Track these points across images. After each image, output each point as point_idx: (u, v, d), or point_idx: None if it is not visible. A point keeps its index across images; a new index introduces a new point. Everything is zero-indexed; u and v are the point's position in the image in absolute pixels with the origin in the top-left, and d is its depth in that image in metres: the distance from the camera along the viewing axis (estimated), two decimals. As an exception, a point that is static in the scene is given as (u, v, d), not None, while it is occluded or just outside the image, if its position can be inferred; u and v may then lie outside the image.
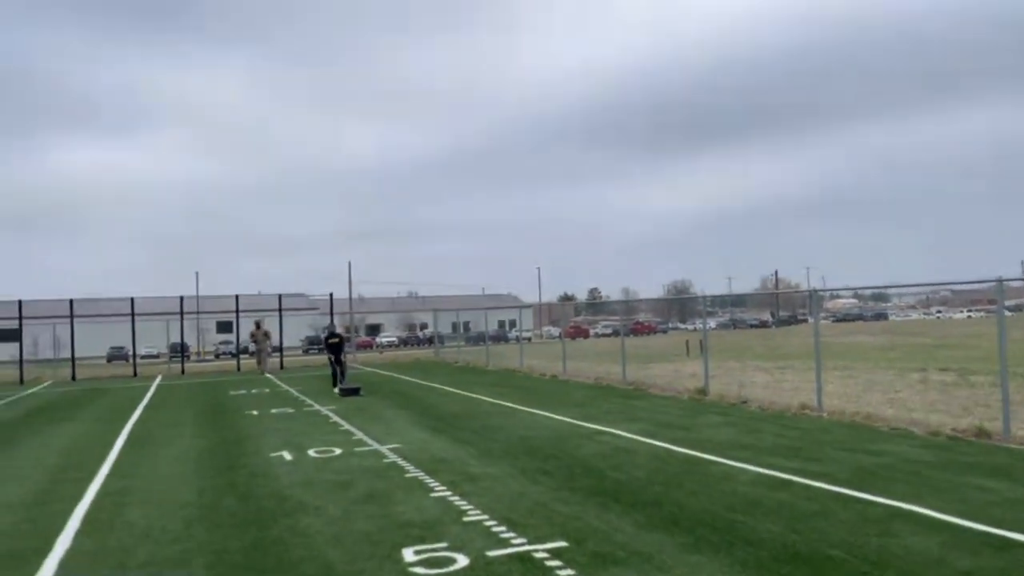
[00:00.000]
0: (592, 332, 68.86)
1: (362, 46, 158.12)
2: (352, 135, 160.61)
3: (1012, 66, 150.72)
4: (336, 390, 18.18)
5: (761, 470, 7.72)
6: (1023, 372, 14.51)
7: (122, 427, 13.28)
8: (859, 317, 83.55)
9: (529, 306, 63.47)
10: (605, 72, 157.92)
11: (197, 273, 67.04)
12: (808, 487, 6.93)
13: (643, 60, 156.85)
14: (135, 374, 29.08)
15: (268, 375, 25.90)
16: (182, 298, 31.25)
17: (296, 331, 54.37)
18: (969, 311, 76.79)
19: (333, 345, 19.45)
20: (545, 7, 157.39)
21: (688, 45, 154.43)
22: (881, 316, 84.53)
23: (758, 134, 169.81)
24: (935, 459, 7.93)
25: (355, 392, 17.43)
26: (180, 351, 32.82)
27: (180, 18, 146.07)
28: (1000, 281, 8.91)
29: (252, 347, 28.74)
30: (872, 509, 6.12)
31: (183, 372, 29.73)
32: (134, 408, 16.55)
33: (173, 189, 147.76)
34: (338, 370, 19.04)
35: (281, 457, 9.53)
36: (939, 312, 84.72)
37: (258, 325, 28.27)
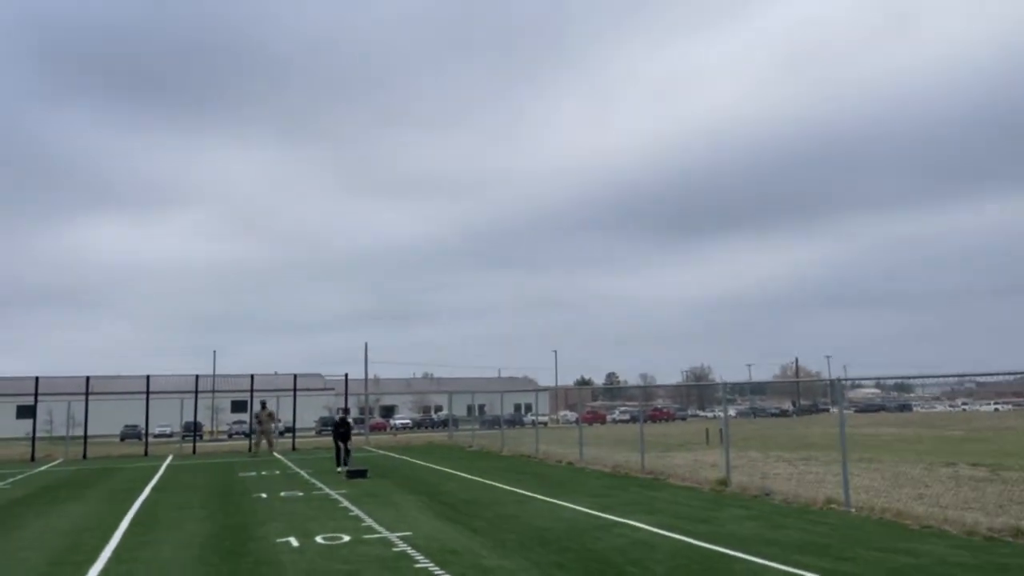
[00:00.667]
0: (609, 417, 67.81)
1: (380, 131, 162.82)
2: (371, 217, 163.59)
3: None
4: (339, 470, 18.67)
5: (788, 569, 7.34)
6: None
7: (128, 509, 13.00)
8: (882, 408, 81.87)
9: (545, 390, 62.89)
10: (623, 159, 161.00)
11: (215, 352, 67.48)
12: (839, 589, 6.56)
13: (660, 148, 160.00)
14: (146, 453, 28.79)
15: (278, 455, 25.53)
16: (197, 377, 31.21)
17: (310, 412, 54.11)
18: (996, 404, 75.08)
19: (342, 433, 20.00)
20: (561, 96, 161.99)
21: (705, 133, 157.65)
22: (905, 407, 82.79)
23: (778, 222, 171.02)
24: (973, 560, 7.52)
25: (362, 474, 17.34)
26: (193, 430, 32.58)
27: (202, 103, 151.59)
28: (1032, 373, 8.63)
29: (257, 427, 28.45)
30: (909, 615, 5.75)
31: (194, 452, 29.39)
32: (142, 489, 16.27)
33: (193, 268, 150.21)
34: (343, 453, 19.50)
35: (288, 543, 9.23)
36: (965, 404, 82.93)
37: (263, 405, 28.10)
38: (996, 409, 69.59)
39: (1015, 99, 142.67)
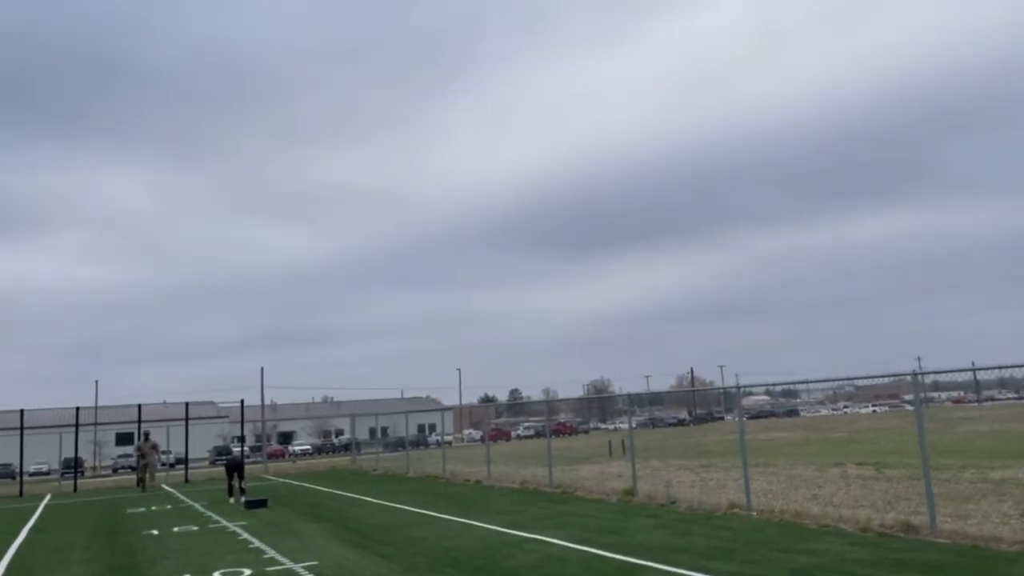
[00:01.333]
0: (514, 434, 67.99)
1: (272, 147, 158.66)
2: (262, 237, 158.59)
3: (899, 172, 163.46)
4: (232, 501, 18.24)
5: (698, 575, 7.45)
6: (934, 464, 14.87)
7: (1, 555, 11.95)
8: (772, 414, 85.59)
9: (450, 409, 62.45)
10: (519, 177, 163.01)
11: (97, 382, 63.39)
12: (748, 592, 6.70)
13: (555, 166, 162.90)
14: (21, 493, 26.70)
15: (169, 488, 24.20)
16: (78, 409, 29.23)
17: (204, 441, 51.67)
18: (874, 406, 79.89)
19: (236, 465, 19.53)
20: (458, 113, 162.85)
21: (599, 152, 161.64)
22: (793, 412, 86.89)
23: (669, 236, 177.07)
24: (869, 556, 7.85)
25: (262, 504, 16.82)
26: (74, 466, 30.49)
27: (79, 119, 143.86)
28: (915, 374, 9.16)
29: (139, 461, 26.86)
30: (815, 613, 5.92)
31: (75, 490, 27.48)
32: (17, 532, 15.02)
33: (70, 295, 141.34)
34: (236, 485, 18.99)
35: (183, 582, 8.68)
36: (846, 407, 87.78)
37: (146, 437, 26.67)
38: (874, 411, 73.98)
39: (883, 119, 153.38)
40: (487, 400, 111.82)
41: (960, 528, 8.80)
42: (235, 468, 19.36)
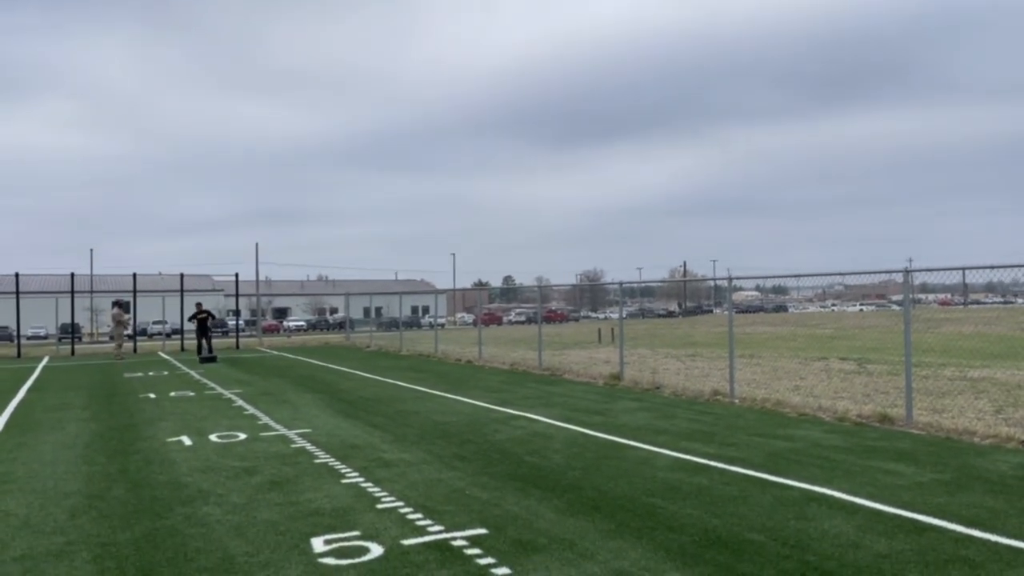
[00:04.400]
0: (505, 319, 69.05)
1: (273, 28, 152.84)
2: (248, 116, 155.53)
3: (894, 73, 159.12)
4: (199, 357, 21.42)
5: (678, 455, 7.72)
6: (915, 361, 15.18)
7: (1, 411, 12.28)
8: (760, 309, 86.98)
9: (443, 292, 63.04)
10: (520, 65, 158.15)
11: (92, 250, 63.12)
12: (725, 471, 6.95)
13: (556, 55, 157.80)
14: (19, 355, 27.22)
15: (165, 356, 24.68)
16: (73, 275, 29.43)
17: (199, 313, 52.31)
18: (861, 305, 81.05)
19: (201, 320, 22.10)
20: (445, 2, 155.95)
21: (598, 42, 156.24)
22: (781, 308, 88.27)
23: (664, 130, 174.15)
24: (843, 444, 8.12)
25: (212, 360, 20.18)
26: (71, 331, 30.96)
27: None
28: (906, 271, 9.19)
29: (113, 329, 26.75)
30: (788, 493, 6.17)
31: (73, 353, 28.02)
32: (16, 390, 15.39)
33: (60, 164, 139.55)
34: (203, 343, 21.81)
35: (180, 442, 8.97)
36: (834, 305, 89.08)
37: (119, 305, 26.57)
38: (861, 309, 75.07)
39: (879, 21, 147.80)
40: (480, 285, 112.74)
41: (935, 421, 9.07)
42: (203, 322, 22.14)
